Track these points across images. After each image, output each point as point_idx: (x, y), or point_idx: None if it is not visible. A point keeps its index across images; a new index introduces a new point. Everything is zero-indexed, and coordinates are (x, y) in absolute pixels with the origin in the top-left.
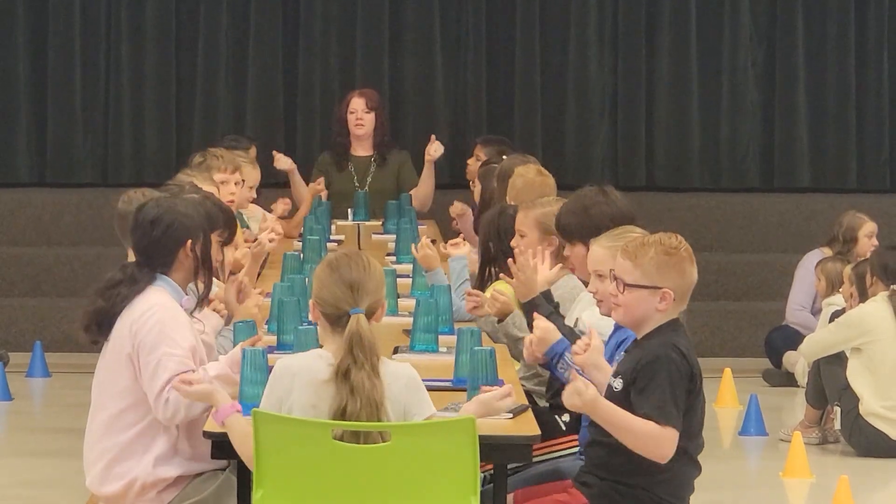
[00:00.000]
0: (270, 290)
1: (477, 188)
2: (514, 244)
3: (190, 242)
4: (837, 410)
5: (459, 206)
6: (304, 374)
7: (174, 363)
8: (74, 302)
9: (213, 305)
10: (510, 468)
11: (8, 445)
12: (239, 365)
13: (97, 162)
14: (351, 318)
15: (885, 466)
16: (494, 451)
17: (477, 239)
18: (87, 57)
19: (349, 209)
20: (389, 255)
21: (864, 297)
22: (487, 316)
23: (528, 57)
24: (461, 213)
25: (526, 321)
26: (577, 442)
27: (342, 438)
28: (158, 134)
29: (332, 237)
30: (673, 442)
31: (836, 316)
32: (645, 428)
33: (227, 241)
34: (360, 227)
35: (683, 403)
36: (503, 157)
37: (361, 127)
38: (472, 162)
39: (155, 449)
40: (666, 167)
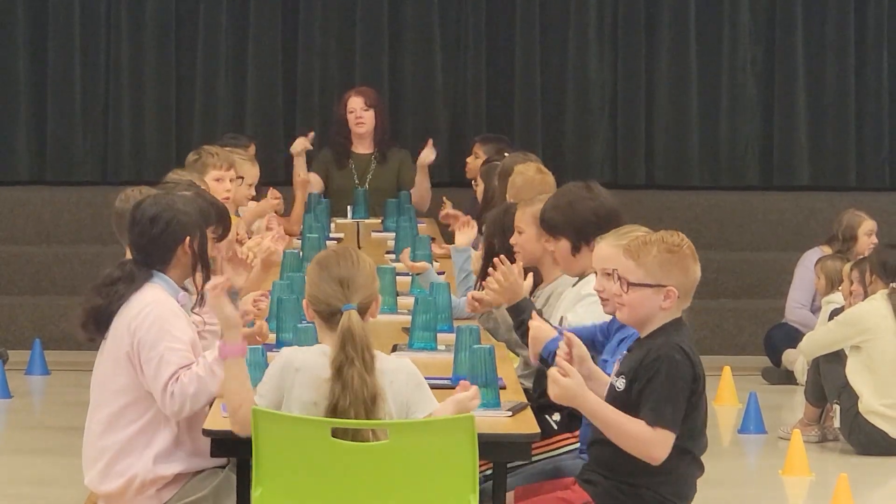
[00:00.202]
0: (270, 288)
1: (480, 187)
2: (512, 241)
3: (188, 239)
4: (837, 408)
5: (449, 210)
6: (306, 370)
7: (177, 357)
8: (74, 300)
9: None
10: (509, 466)
11: (7, 443)
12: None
13: (97, 160)
14: (343, 314)
15: (884, 464)
16: (493, 449)
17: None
18: (86, 55)
19: (348, 206)
20: (389, 252)
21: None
22: (489, 313)
23: (527, 56)
24: (453, 215)
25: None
26: (572, 440)
27: (334, 434)
28: (158, 132)
29: (331, 235)
30: (665, 444)
31: (835, 314)
32: (634, 428)
33: (220, 237)
34: (359, 224)
35: (684, 405)
36: (504, 155)
37: (362, 125)
38: (471, 160)
39: (155, 445)
40: (665, 165)
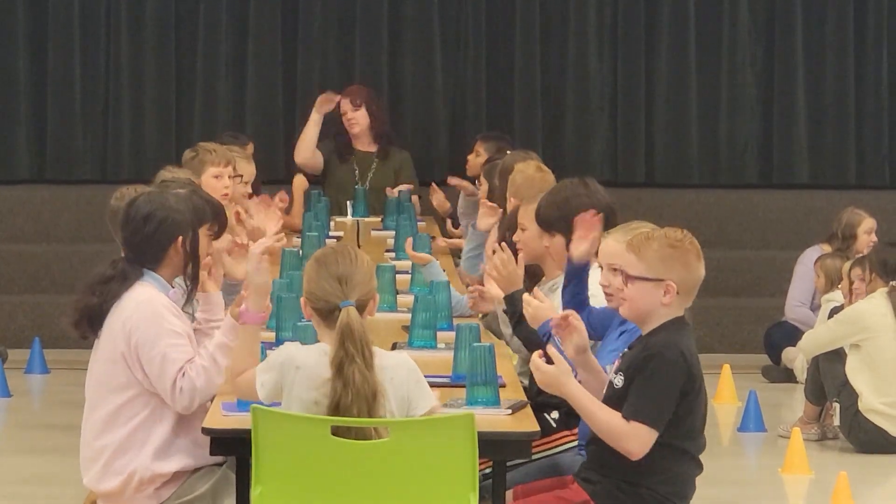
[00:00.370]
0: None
1: (483, 186)
2: (515, 238)
3: (181, 239)
4: (836, 407)
5: (440, 199)
6: (307, 369)
7: (179, 353)
8: (74, 299)
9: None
10: (508, 464)
11: (6, 442)
12: (233, 332)
13: (97, 159)
14: (341, 311)
15: (884, 463)
16: (493, 447)
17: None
18: (86, 54)
19: (347, 202)
20: (389, 251)
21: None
22: (492, 313)
23: (527, 54)
24: (441, 204)
25: (509, 313)
26: (571, 438)
27: (336, 433)
28: (158, 131)
29: (330, 233)
30: (640, 439)
31: (835, 312)
32: (609, 420)
33: (217, 234)
34: (359, 223)
35: (670, 404)
36: (506, 153)
37: (355, 125)
38: (472, 158)
39: (153, 441)
40: (665, 163)
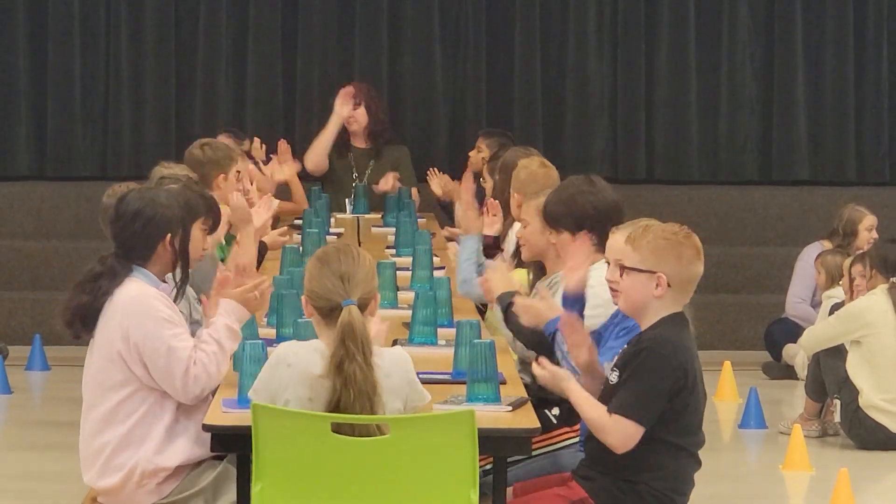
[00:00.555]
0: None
1: (488, 183)
2: (518, 234)
3: (169, 236)
4: (837, 403)
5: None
6: (299, 367)
7: (182, 341)
8: None
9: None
10: (509, 461)
11: (7, 439)
12: (235, 313)
13: (97, 155)
14: (343, 309)
15: (884, 459)
16: (493, 443)
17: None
18: (86, 50)
19: (346, 199)
20: (389, 247)
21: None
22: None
23: (527, 51)
24: (446, 185)
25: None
26: (571, 435)
27: (338, 431)
28: (158, 128)
29: (331, 230)
30: (622, 432)
31: (835, 309)
32: (592, 412)
33: (211, 228)
34: (359, 220)
35: (658, 400)
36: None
37: (353, 122)
38: (473, 154)
39: (154, 436)
40: (665, 160)
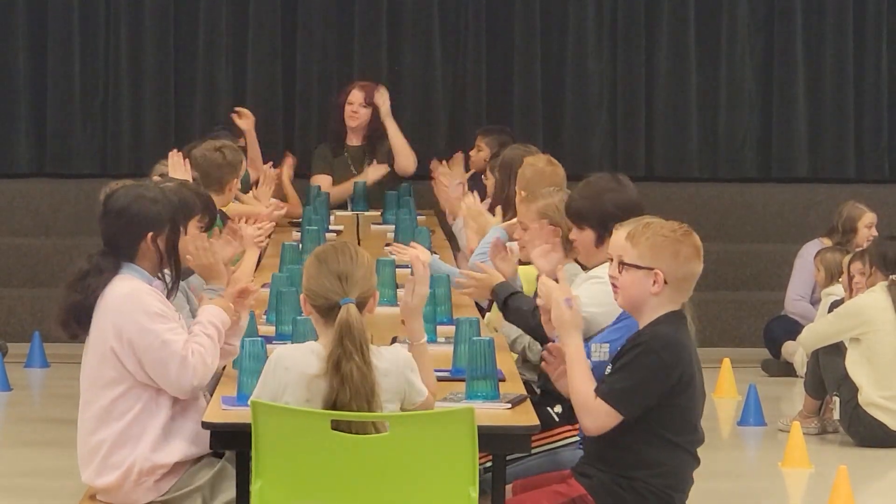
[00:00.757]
0: (269, 280)
1: (490, 181)
2: (517, 236)
3: (151, 235)
4: (836, 400)
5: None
6: (295, 368)
7: (177, 334)
8: None
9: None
10: (508, 458)
11: (6, 436)
12: (222, 314)
13: (96, 153)
14: (341, 308)
15: (883, 456)
16: (493, 441)
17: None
18: (86, 47)
19: (347, 198)
20: (388, 245)
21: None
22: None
23: (527, 48)
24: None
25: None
26: (573, 433)
27: (336, 428)
28: (157, 125)
29: (330, 227)
30: (600, 417)
31: (835, 306)
32: (582, 385)
33: (207, 226)
34: (359, 217)
35: (645, 395)
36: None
37: (355, 119)
38: (473, 153)
39: (151, 433)
40: (664, 157)
